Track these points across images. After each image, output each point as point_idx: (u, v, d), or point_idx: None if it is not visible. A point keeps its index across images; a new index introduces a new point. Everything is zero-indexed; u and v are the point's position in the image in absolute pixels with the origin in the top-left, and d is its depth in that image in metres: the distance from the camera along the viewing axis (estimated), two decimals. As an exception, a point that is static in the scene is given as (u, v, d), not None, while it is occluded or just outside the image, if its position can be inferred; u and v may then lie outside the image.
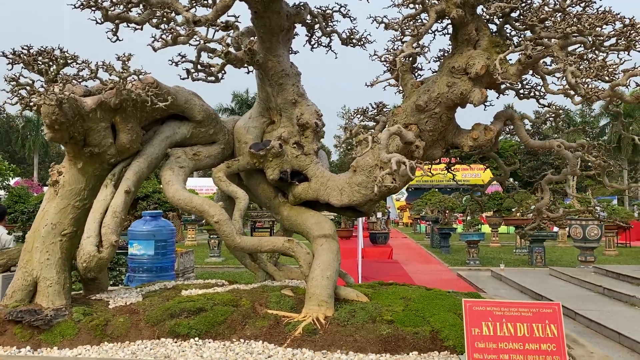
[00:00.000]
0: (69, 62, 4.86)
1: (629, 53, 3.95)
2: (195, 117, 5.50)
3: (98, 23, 4.94)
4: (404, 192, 44.71)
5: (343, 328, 4.36)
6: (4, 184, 18.87)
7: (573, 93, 3.97)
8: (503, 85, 5.55)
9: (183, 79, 6.11)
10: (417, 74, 5.85)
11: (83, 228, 4.67)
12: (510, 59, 4.91)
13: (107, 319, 4.50)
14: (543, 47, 4.26)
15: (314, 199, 5.58)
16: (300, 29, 6.22)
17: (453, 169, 6.86)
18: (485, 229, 22.70)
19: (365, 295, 5.02)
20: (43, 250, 4.73)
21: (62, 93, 4.18)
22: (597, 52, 4.12)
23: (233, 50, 5.67)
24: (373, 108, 6.25)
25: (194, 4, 5.15)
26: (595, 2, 4.27)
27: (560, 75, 3.98)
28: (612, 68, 3.83)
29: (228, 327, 4.48)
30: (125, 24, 5.10)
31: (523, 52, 4.50)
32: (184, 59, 5.88)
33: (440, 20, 5.10)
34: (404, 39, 4.99)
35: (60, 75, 4.73)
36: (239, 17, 5.69)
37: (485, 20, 5.22)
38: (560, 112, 5.19)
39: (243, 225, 5.28)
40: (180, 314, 4.52)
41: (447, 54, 5.38)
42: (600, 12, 4.28)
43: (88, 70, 4.54)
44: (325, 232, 5.24)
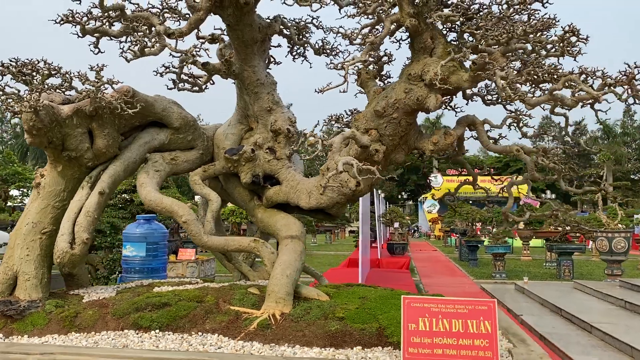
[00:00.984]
0: (53, 73, 5.26)
1: (564, 58, 4.06)
2: (173, 124, 5.82)
3: (79, 37, 5.33)
4: (436, 204, 42.34)
5: (295, 324, 4.55)
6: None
7: (510, 96, 4.08)
8: (469, 92, 5.70)
9: (170, 89, 6.51)
10: (386, 82, 6.05)
11: (62, 227, 5.02)
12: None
13: (77, 311, 4.81)
14: (486, 53, 4.40)
15: (285, 202, 5.81)
16: (283, 41, 6.53)
17: (496, 181, 6.23)
18: (517, 243, 22.23)
19: (327, 295, 5.19)
20: (23, 247, 5.10)
21: (35, 101, 4.55)
22: (537, 57, 4.24)
23: (210, 61, 6.02)
24: (348, 115, 6.46)
25: (168, 18, 5.51)
26: (540, 10, 4.40)
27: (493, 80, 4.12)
28: (547, 73, 3.94)
29: (189, 321, 4.73)
30: (106, 37, 5.50)
31: (473, 59, 4.65)
32: (168, 70, 6.28)
33: (400, 30, 5.29)
34: (363, 49, 5.20)
35: (43, 86, 5.12)
36: (225, 30, 6.06)
37: (447, 29, 5.40)
38: (522, 117, 5.28)
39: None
40: (145, 308, 4.80)
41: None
42: (546, 19, 4.41)
43: (62, 80, 4.90)
44: (292, 233, 5.46)
